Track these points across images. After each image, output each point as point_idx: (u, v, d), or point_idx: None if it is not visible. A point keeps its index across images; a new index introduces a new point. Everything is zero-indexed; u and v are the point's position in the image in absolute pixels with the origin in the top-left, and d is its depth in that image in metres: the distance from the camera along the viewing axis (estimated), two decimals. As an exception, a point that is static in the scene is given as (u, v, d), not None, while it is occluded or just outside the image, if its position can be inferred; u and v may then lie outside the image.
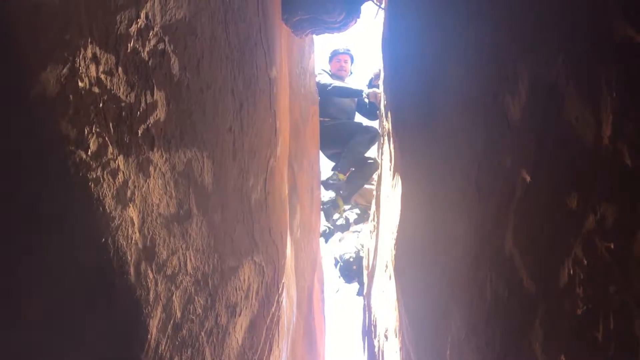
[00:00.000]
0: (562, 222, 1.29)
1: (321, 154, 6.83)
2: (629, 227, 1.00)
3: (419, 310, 3.22)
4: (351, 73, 7.02)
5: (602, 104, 1.08)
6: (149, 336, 1.75)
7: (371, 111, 6.66)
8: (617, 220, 1.06)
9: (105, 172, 1.50)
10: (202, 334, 2.15)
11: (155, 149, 1.75)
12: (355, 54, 7.12)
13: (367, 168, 6.48)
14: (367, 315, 7.56)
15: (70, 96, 1.35)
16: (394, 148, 4.24)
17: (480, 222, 1.92)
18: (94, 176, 1.46)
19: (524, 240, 1.56)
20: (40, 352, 1.58)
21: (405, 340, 3.81)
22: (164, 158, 1.81)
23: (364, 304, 8.19)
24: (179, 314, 1.94)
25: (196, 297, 2.08)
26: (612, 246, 1.07)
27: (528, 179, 1.48)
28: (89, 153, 1.44)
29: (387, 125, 4.83)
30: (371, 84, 6.60)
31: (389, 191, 4.57)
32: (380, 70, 6.22)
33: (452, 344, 2.41)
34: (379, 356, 5.70)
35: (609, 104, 1.06)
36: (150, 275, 1.75)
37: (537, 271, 1.49)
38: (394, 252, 4.12)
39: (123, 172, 1.59)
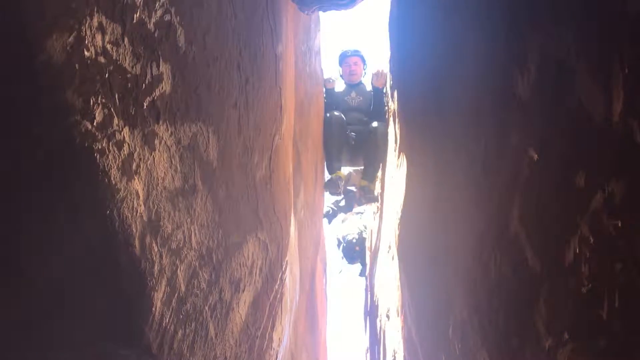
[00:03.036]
0: (569, 200, 1.28)
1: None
2: (638, 204, 0.99)
3: (421, 290, 3.23)
4: (364, 74, 6.54)
5: (613, 79, 1.07)
6: (154, 309, 1.76)
7: (378, 110, 6.15)
8: (625, 197, 1.05)
9: (110, 144, 1.50)
10: (206, 308, 2.16)
11: (160, 122, 1.74)
12: (365, 54, 6.60)
13: (373, 147, 5.82)
14: (369, 295, 7.61)
15: (76, 65, 1.34)
16: (400, 128, 4.23)
17: (485, 201, 1.92)
18: (100, 147, 1.46)
19: (530, 219, 1.55)
20: (45, 321, 1.59)
21: (407, 320, 3.83)
22: (169, 131, 1.81)
23: (366, 285, 8.24)
24: (183, 288, 1.95)
25: (200, 272, 2.09)
26: (620, 224, 1.07)
27: (535, 156, 1.47)
28: (95, 123, 1.43)
29: (393, 105, 4.80)
30: (374, 86, 6.25)
31: (394, 171, 4.56)
32: (380, 71, 6.03)
33: (454, 323, 2.42)
34: (380, 336, 5.73)
35: (620, 80, 1.04)
36: (155, 249, 1.75)
37: (542, 250, 1.49)
38: (397, 232, 4.12)
39: (128, 144, 1.58)
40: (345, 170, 6.76)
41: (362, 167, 6.14)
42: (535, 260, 1.53)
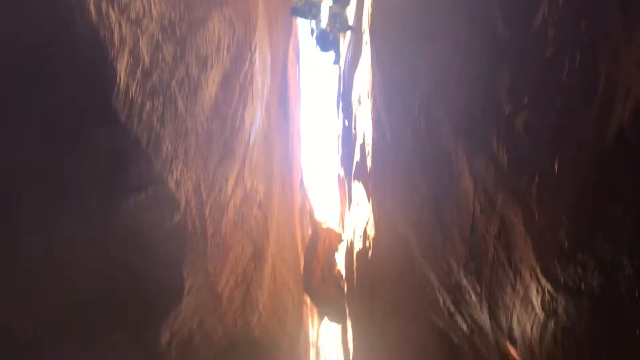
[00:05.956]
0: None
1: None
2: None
3: (392, 69, 3.23)
4: None
5: None
6: (118, 79, 1.73)
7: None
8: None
9: None
10: (173, 82, 2.15)
11: None
12: None
13: None
14: (341, 82, 7.65)
15: None
16: None
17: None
18: None
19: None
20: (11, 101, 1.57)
21: (376, 101, 3.90)
22: None
23: (339, 73, 8.24)
24: (147, 60, 1.90)
25: (164, 45, 2.03)
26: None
27: None
28: None
29: None
30: None
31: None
32: None
33: (421, 99, 2.46)
34: (352, 121, 5.89)
35: None
36: (113, 17, 1.67)
37: (512, 16, 1.46)
38: (370, 11, 4.00)
39: None
40: None
41: None
42: (504, 28, 1.50)
